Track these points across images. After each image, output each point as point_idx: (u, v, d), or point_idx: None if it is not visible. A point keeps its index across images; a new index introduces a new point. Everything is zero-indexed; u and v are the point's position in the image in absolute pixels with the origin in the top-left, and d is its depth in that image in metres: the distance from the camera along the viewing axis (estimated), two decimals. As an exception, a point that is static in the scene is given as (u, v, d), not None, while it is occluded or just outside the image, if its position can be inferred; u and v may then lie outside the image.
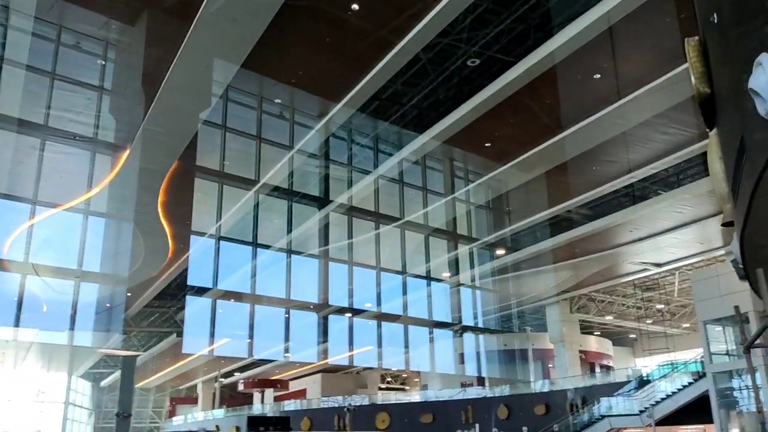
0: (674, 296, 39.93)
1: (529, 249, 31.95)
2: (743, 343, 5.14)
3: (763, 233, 4.79)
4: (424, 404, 42.50)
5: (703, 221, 27.63)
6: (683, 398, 27.81)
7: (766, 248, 5.20)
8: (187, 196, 26.35)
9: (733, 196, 5.29)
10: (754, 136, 3.84)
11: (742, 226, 4.93)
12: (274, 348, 40.03)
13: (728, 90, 4.43)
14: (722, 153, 5.73)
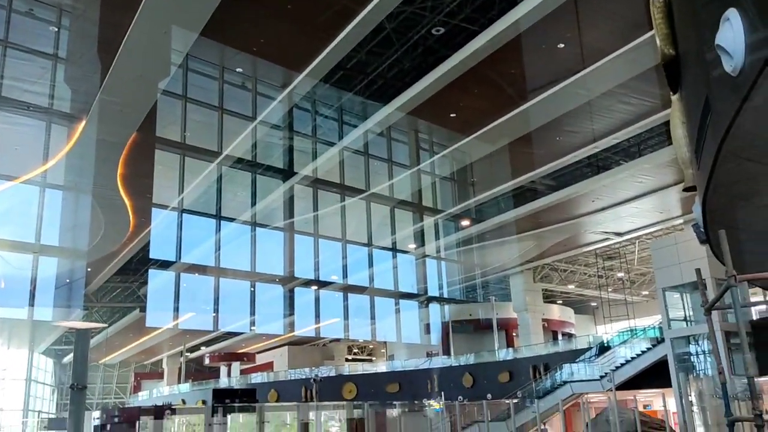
0: (634, 265, 40.81)
1: (494, 220, 32.21)
2: (704, 305, 5.21)
3: (726, 195, 4.84)
4: (390, 374, 42.94)
5: (662, 191, 28.13)
6: (642, 363, 28.56)
7: (727, 211, 5.27)
8: (147, 169, 25.79)
9: (696, 159, 5.33)
10: (719, 95, 3.83)
11: (704, 189, 4.97)
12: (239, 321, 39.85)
13: (694, 50, 4.41)
14: (685, 117, 5.77)
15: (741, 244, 5.94)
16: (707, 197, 4.94)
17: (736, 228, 5.43)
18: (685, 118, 5.80)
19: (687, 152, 6.03)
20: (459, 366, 40.31)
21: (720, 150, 3.89)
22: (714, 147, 4.01)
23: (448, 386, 37.02)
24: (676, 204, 30.20)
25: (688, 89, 5.10)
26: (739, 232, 5.65)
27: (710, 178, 4.47)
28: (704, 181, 4.83)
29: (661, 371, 26.69)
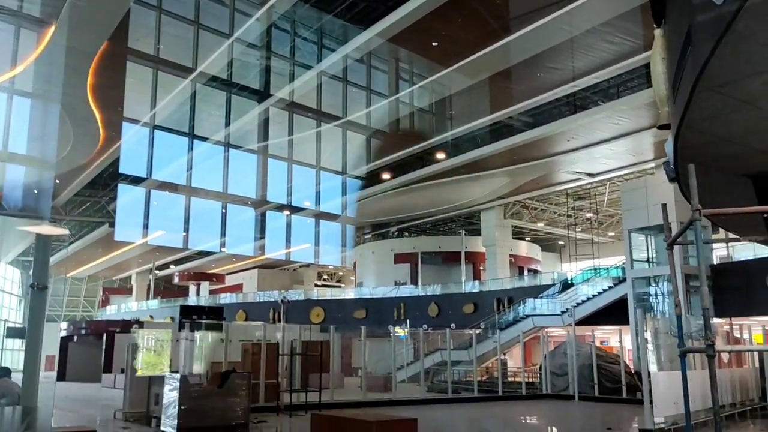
0: (603, 206, 41.40)
1: (469, 154, 32.16)
2: (667, 240, 5.31)
3: (699, 131, 4.87)
4: (358, 300, 43.67)
5: (637, 134, 28.27)
6: (603, 301, 29.46)
7: (698, 147, 5.32)
8: (118, 81, 25.04)
9: (673, 93, 5.33)
10: (700, 24, 3.78)
11: (678, 124, 4.99)
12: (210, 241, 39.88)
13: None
14: (667, 51, 5.72)
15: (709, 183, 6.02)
16: (680, 132, 4.96)
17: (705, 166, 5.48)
18: (666, 54, 5.76)
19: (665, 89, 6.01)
20: (426, 296, 41.12)
21: (698, 81, 3.88)
22: (692, 79, 4.00)
23: (414, 315, 37.89)
24: (650, 148, 30.44)
25: (671, 22, 5.04)
26: (708, 171, 5.72)
27: (685, 112, 4.48)
28: (679, 116, 4.84)
29: (620, 309, 27.58)
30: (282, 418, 15.28)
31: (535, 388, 24.96)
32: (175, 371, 13.48)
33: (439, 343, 32.03)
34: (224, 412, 12.55)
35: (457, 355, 29.02)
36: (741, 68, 3.85)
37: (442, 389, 24.28)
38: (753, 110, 4.51)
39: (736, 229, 7.91)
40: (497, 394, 23.06)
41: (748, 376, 16.83)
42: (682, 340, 5.52)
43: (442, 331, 27.72)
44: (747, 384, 16.52)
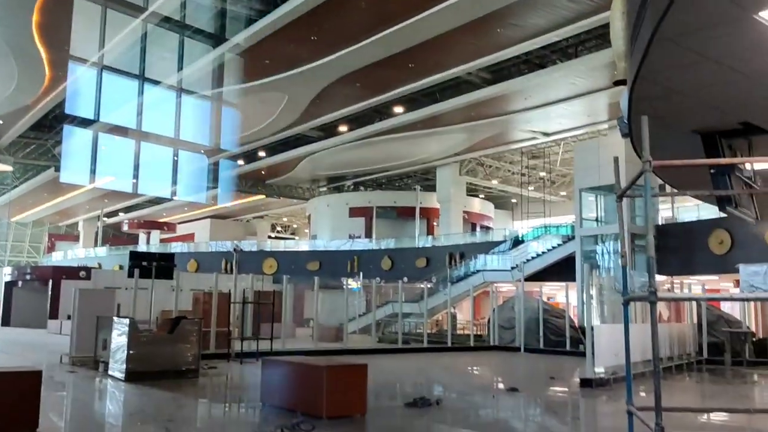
0: (557, 166, 42.03)
1: (427, 109, 32.05)
2: (617, 192, 5.42)
3: (654, 81, 4.93)
4: (312, 253, 43.67)
5: (593, 94, 28.58)
6: (551, 258, 30.17)
7: (652, 99, 5.39)
8: (65, 18, 23.92)
9: (630, 46, 5.37)
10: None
11: (634, 75, 5.04)
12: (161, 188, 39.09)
13: (645, -73, 4.31)
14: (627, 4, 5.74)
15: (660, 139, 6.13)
16: (635, 84, 5.02)
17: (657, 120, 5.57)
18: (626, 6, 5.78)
19: (623, 45, 6.05)
20: (379, 250, 41.37)
21: (656, 31, 3.90)
22: (650, 29, 4.02)
23: (368, 268, 38.12)
24: (604, 109, 30.86)
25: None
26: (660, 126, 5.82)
27: (642, 63, 4.52)
28: (635, 67, 4.88)
29: (568, 267, 28.31)
30: (233, 364, 15.34)
31: (482, 340, 25.61)
32: (123, 317, 13.32)
33: (391, 295, 32.43)
34: (174, 358, 12.51)
35: (408, 308, 29.48)
36: (698, 19, 3.88)
37: (392, 340, 24.70)
38: (707, 63, 4.58)
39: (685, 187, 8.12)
40: (446, 346, 23.59)
41: (687, 331, 17.59)
42: (627, 289, 5.69)
43: (394, 284, 28.04)
44: (685, 339, 17.27)
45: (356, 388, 8.52)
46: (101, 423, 8.63)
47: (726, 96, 5.22)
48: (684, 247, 24.99)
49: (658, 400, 4.39)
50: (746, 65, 4.55)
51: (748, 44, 4.20)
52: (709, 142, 5.95)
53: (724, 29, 3.97)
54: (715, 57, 4.43)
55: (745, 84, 4.91)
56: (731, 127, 5.75)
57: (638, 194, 5.56)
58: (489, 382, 13.73)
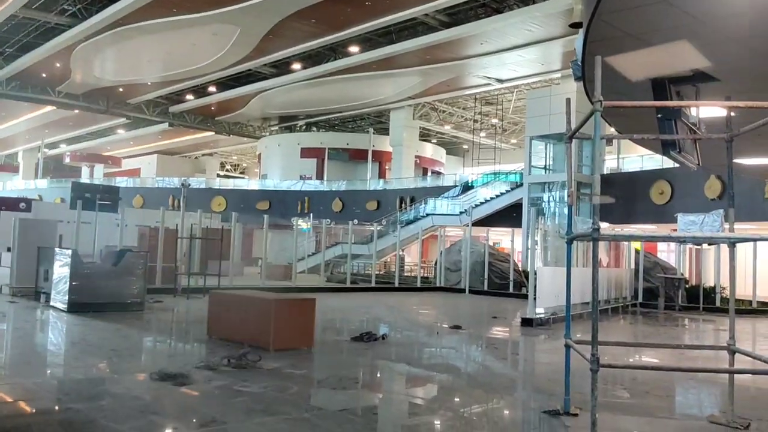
0: (509, 113, 42.31)
1: (382, 50, 31.57)
2: (567, 132, 5.51)
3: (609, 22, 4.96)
4: (262, 192, 43.32)
5: (548, 42, 28.64)
6: (499, 204, 30.71)
7: (606, 41, 5.44)
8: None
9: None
10: None
11: (590, 16, 5.05)
12: (105, 121, 37.75)
13: None
14: (587, -58, 5.70)
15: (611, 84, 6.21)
16: (591, 25, 5.04)
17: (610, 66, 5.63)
18: (587, -54, 5.74)
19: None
20: (330, 191, 41.33)
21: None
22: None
23: (318, 209, 38.12)
24: (558, 58, 31.01)
25: None
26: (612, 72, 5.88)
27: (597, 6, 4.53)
28: (591, 10, 4.89)
29: (515, 213, 28.90)
30: (179, 299, 15.26)
31: (429, 282, 26.11)
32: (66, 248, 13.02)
33: (341, 237, 32.58)
34: (119, 291, 12.36)
35: (357, 249, 29.71)
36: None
37: (341, 280, 24.92)
38: (660, 5, 4.62)
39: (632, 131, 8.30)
40: (394, 286, 23.98)
41: (624, 276, 18.31)
42: (571, 228, 5.85)
43: (344, 226, 28.14)
44: (622, 284, 17.99)
45: (304, 322, 8.62)
46: (42, 353, 8.52)
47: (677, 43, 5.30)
48: (627, 196, 25.74)
49: (595, 333, 4.58)
50: (697, 13, 4.61)
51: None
52: (658, 88, 6.06)
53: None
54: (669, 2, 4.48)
55: (695, 31, 4.99)
56: (681, 74, 5.86)
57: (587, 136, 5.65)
58: (433, 321, 14.08)
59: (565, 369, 5.62)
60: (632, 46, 5.51)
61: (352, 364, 8.32)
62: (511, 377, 8.41)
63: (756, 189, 20.63)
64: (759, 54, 5.37)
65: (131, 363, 7.94)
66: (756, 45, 5.10)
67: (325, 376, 7.35)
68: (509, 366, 9.52)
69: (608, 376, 7.16)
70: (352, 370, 7.96)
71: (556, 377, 6.72)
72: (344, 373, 7.49)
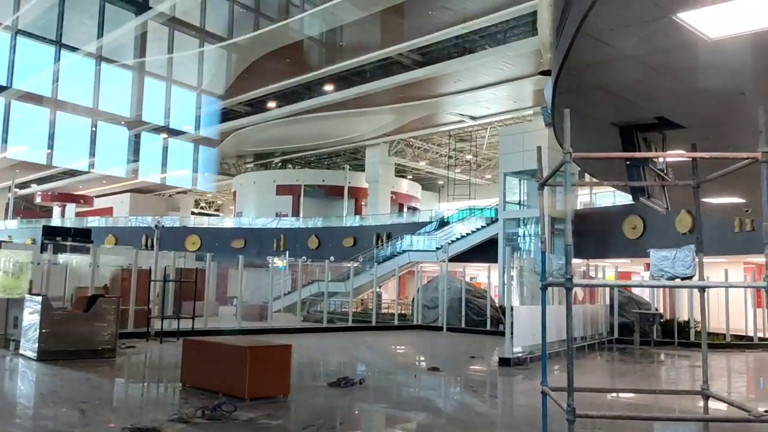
0: (483, 149, 42.84)
1: (357, 88, 31.94)
2: (539, 180, 5.58)
3: (576, 76, 5.08)
4: (237, 230, 42.99)
5: (519, 81, 29.22)
6: (475, 239, 30.85)
7: (574, 92, 5.56)
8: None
9: (556, 40, 5.50)
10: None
11: (558, 70, 5.18)
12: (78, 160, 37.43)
13: (574, -77, 4.41)
14: None
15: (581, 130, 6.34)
16: (559, 78, 5.16)
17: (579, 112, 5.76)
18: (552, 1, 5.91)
19: (549, 35, 6.18)
20: (306, 228, 41.16)
21: (579, 28, 4.02)
22: (574, 25, 4.13)
23: (294, 247, 37.87)
24: (530, 95, 31.61)
25: (561, -33, 5.15)
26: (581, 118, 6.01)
27: (565, 57, 4.65)
28: (560, 61, 5.01)
29: (491, 248, 29.02)
30: (152, 343, 14.97)
31: (407, 319, 25.98)
32: (35, 294, 12.75)
33: (317, 274, 32.36)
34: (90, 337, 12.09)
35: (334, 287, 29.50)
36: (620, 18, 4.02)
37: (317, 319, 24.68)
38: (627, 60, 4.76)
39: (602, 176, 8.45)
40: (371, 325, 23.81)
41: (599, 312, 18.41)
42: (545, 274, 5.89)
43: (321, 263, 27.98)
44: (598, 319, 18.08)
45: (279, 369, 8.49)
46: (12, 403, 8.28)
47: (643, 92, 5.44)
48: (600, 231, 26.04)
49: (571, 383, 4.59)
50: (663, 63, 4.75)
51: (665, 43, 4.39)
52: (626, 135, 6.20)
53: (644, 28, 4.13)
54: (635, 54, 4.61)
55: (661, 80, 5.13)
56: (647, 121, 6.00)
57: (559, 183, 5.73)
58: (411, 362, 13.98)
59: (542, 416, 5.60)
60: (600, 96, 5.64)
61: (330, 411, 8.20)
62: (490, 420, 8.35)
63: (726, 222, 21.02)
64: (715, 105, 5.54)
65: (103, 415, 7.74)
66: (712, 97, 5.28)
67: (302, 426, 7.23)
68: (488, 409, 9.46)
69: (587, 418, 7.14)
70: (329, 418, 7.85)
71: (533, 421, 6.70)
72: (321, 422, 7.37)
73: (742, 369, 14.97)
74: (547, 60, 5.96)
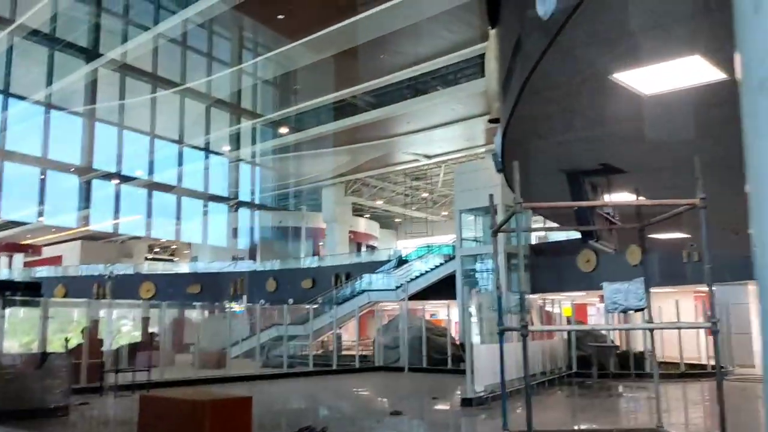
0: (438, 187, 43.41)
1: (312, 130, 32.19)
2: (492, 228, 5.74)
3: (524, 128, 5.30)
4: (192, 275, 42.31)
5: (471, 120, 29.90)
6: (434, 277, 31.03)
7: (523, 143, 5.78)
8: None
9: (503, 93, 5.73)
10: (529, 37, 4.12)
11: (506, 122, 5.39)
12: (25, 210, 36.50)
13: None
14: (499, 53, 6.13)
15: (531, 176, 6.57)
16: (508, 130, 5.37)
17: (528, 160, 5.98)
18: (498, 54, 6.16)
19: (496, 86, 6.44)
20: (264, 271, 40.77)
21: (524, 86, 4.22)
22: (519, 83, 4.34)
23: (252, 290, 37.43)
24: (481, 134, 32.32)
25: (504, 26, 5.40)
26: (530, 165, 6.24)
27: (512, 113, 4.86)
28: (507, 115, 5.22)
29: (449, 285, 29.23)
30: (106, 399, 14.53)
31: (368, 360, 25.80)
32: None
33: (276, 318, 31.98)
34: (42, 396, 11.70)
35: (294, 330, 29.18)
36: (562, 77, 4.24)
37: (277, 364, 24.32)
38: (570, 114, 5.00)
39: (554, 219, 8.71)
40: (332, 368, 23.56)
41: (557, 346, 18.65)
42: (501, 318, 6.01)
43: (279, 306, 27.71)
44: (556, 354, 18.31)
45: (240, 423, 8.36)
46: (-43, 475, 7.92)
47: (587, 141, 5.70)
48: (556, 265, 26.52)
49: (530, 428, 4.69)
50: (604, 115, 5.01)
51: (605, 99, 4.64)
52: (573, 181, 6.45)
53: (585, 86, 4.37)
54: (578, 109, 4.85)
55: (603, 131, 5.39)
56: (592, 167, 6.27)
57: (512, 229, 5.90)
58: (374, 406, 13.89)
59: (505, 461, 5.67)
60: (547, 146, 5.88)
61: (293, 463, 8.09)
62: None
63: (675, 254, 21.66)
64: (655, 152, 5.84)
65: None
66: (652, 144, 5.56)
67: (265, 481, 7.12)
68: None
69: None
70: (292, 471, 7.74)
71: (497, 466, 6.73)
72: (284, 476, 7.27)
73: (697, 399, 15.31)
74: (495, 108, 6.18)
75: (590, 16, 3.37)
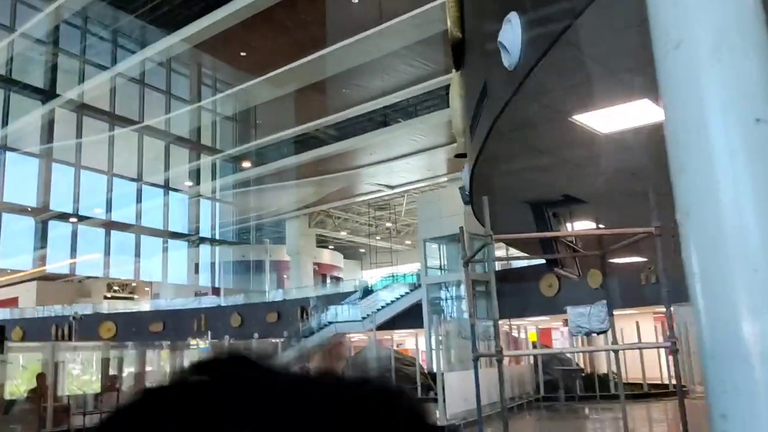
0: (401, 216, 43.81)
1: (275, 164, 32.32)
2: (463, 258, 6.01)
3: (491, 165, 5.63)
4: (154, 313, 41.58)
5: (432, 150, 30.43)
6: (400, 306, 31.14)
7: (491, 180, 6.11)
8: None
9: (470, 131, 6.07)
10: (496, 84, 4.45)
11: (474, 159, 5.71)
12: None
13: (478, 39, 5.02)
14: (464, 92, 6.49)
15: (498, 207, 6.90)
16: (476, 166, 5.69)
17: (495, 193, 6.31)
18: (464, 93, 6.52)
19: (461, 122, 6.79)
20: (228, 306, 40.33)
21: (491, 130, 4.54)
22: (487, 126, 4.66)
23: (216, 326, 36.93)
24: (443, 164, 32.88)
25: (470, 70, 5.76)
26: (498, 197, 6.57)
27: (480, 152, 5.17)
28: (475, 153, 5.55)
29: (416, 313, 29.38)
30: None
31: (337, 394, 25.63)
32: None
33: (242, 354, 31.53)
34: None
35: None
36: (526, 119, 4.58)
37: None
38: (533, 152, 5.35)
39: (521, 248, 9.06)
40: (301, 403, 23.37)
41: (526, 372, 18.97)
42: (475, 345, 6.26)
43: (245, 342, 27.49)
44: (524, 379, 18.61)
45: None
46: None
47: (549, 175, 6.06)
48: (519, 291, 26.94)
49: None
50: (564, 153, 5.37)
51: (566, 136, 5.00)
52: (537, 211, 6.80)
53: (546, 127, 4.72)
54: (540, 148, 5.20)
55: (563, 166, 5.76)
56: (555, 198, 6.63)
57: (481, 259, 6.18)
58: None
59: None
60: (512, 180, 6.22)
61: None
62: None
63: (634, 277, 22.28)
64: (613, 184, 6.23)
65: None
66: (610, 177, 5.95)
67: None
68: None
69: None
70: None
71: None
72: None
73: (661, 418, 15.74)
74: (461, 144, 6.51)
75: (552, 66, 3.71)
